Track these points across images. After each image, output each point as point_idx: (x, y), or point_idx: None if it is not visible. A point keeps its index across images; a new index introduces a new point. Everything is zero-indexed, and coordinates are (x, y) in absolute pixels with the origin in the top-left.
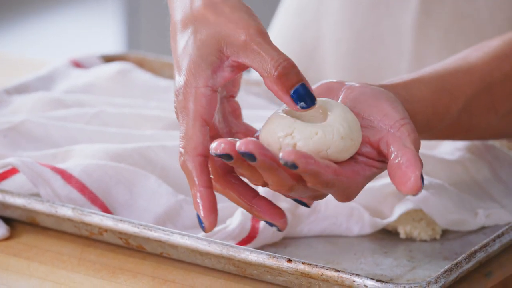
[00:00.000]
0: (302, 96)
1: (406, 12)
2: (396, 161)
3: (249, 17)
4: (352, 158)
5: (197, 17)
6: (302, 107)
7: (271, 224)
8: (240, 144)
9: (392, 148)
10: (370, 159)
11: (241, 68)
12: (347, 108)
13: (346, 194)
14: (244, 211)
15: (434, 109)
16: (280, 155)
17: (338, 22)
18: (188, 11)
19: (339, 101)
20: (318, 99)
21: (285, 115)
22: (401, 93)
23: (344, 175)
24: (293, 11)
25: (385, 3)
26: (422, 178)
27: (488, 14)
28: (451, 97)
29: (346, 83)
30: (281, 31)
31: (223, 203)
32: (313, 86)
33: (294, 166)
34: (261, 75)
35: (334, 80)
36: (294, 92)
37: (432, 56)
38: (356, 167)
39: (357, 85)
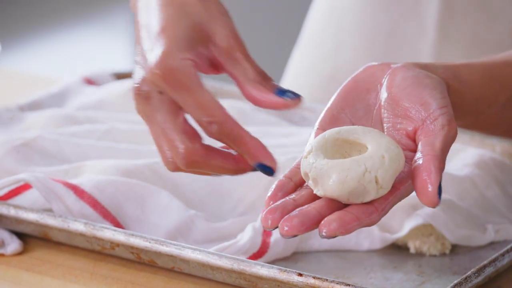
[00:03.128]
0: (286, 91)
1: (424, 38)
2: (419, 162)
3: (230, 19)
4: None
5: None
6: (291, 97)
7: (263, 167)
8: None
9: (419, 145)
10: (412, 152)
11: (216, 70)
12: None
13: (404, 197)
14: (256, 225)
15: (483, 93)
16: (319, 232)
17: (356, 51)
18: None
19: (383, 88)
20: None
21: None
22: (451, 70)
23: (389, 202)
24: (312, 43)
25: (402, 31)
26: (440, 188)
27: (508, 39)
28: (500, 86)
29: (392, 65)
30: (299, 63)
31: (234, 218)
32: (357, 71)
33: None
34: (239, 82)
35: (377, 63)
36: (278, 91)
37: None
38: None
39: (399, 67)
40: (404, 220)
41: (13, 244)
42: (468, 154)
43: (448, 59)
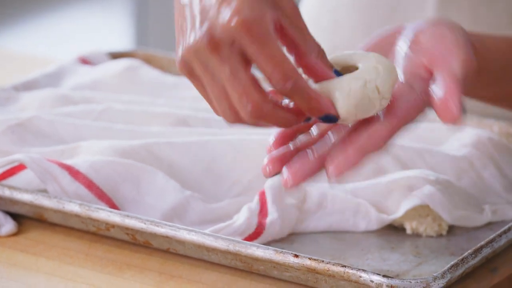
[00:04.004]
0: (340, 74)
1: (423, 16)
2: (438, 84)
3: None
4: (407, 85)
5: None
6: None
7: (329, 117)
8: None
9: (437, 72)
10: (427, 83)
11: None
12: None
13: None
14: (252, 206)
15: (508, 61)
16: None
17: (355, 29)
18: None
19: (404, 33)
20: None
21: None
22: (476, 37)
23: (399, 121)
24: (309, 21)
25: (401, 10)
26: (462, 106)
27: (508, 19)
28: None
29: (416, 21)
30: None
31: (230, 199)
32: (379, 31)
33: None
34: (301, 52)
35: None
36: (334, 70)
37: None
38: (411, 96)
39: (429, 24)
40: (401, 201)
41: (8, 225)
42: (465, 134)
43: None
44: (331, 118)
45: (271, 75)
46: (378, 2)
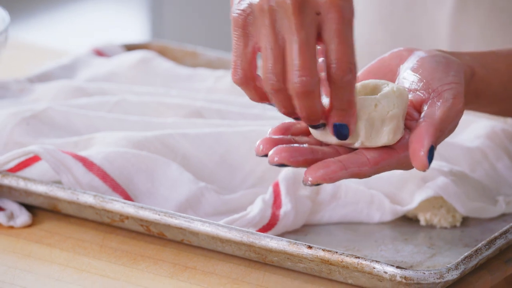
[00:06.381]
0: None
1: (442, 9)
2: (416, 128)
3: None
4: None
5: None
6: None
7: (341, 128)
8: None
9: (422, 114)
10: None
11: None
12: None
13: (403, 165)
14: (266, 197)
15: (511, 79)
16: (303, 179)
17: (373, 23)
18: None
19: (401, 66)
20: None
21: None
22: (478, 59)
23: (386, 159)
24: None
25: (421, 2)
26: (431, 153)
27: None
28: None
29: (416, 50)
30: None
31: (244, 190)
32: (384, 54)
33: (318, 184)
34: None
35: (403, 48)
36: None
37: None
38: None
39: (422, 50)
40: (415, 192)
41: (23, 217)
42: (479, 126)
43: (466, 31)
44: (344, 131)
45: (337, 61)
46: None
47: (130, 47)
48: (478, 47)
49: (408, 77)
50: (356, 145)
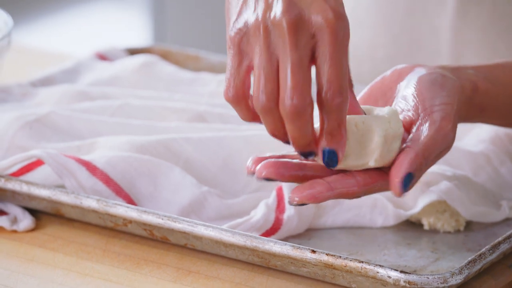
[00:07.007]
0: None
1: (443, 14)
2: (398, 155)
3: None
4: None
5: None
6: None
7: (331, 154)
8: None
9: (408, 138)
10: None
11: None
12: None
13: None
14: (269, 201)
15: None
16: (288, 199)
17: (375, 28)
18: None
19: (399, 85)
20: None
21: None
22: (482, 72)
23: (376, 181)
24: None
25: (421, 7)
26: (407, 180)
27: None
28: None
29: (417, 67)
30: None
31: (247, 194)
32: (385, 73)
33: (304, 204)
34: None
35: (404, 66)
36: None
37: (471, 58)
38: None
39: (421, 67)
40: (418, 197)
41: (26, 221)
42: (482, 130)
43: (467, 35)
44: (334, 157)
45: (330, 83)
46: (398, 2)
47: (132, 51)
48: (479, 51)
49: (403, 97)
50: (342, 167)
